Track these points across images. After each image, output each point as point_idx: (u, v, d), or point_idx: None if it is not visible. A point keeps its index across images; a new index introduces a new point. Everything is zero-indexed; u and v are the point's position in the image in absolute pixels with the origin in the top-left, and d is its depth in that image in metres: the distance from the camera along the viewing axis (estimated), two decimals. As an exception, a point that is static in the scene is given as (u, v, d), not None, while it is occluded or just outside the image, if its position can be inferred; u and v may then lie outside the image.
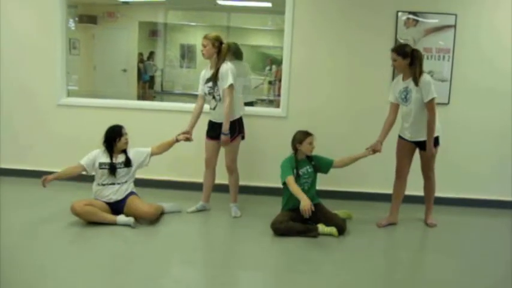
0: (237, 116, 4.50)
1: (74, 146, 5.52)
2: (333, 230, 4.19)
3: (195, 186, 5.08)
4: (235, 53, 5.74)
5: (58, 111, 5.58)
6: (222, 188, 4.91)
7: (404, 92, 4.32)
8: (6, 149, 5.65)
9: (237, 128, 4.50)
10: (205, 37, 4.44)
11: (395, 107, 4.46)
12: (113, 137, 4.41)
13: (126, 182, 4.43)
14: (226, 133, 4.38)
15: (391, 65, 4.36)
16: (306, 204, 3.94)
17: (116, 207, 4.36)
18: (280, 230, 4.16)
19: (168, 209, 4.63)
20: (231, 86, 4.36)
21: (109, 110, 5.53)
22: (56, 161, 5.55)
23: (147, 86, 11.92)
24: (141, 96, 11.34)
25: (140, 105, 6.04)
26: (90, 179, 4.53)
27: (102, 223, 4.21)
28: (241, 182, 4.81)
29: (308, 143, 4.33)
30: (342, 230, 4.23)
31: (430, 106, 4.17)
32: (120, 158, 4.43)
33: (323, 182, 4.74)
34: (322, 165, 4.45)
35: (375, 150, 4.38)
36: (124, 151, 4.46)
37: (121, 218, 4.26)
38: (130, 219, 4.23)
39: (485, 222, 4.96)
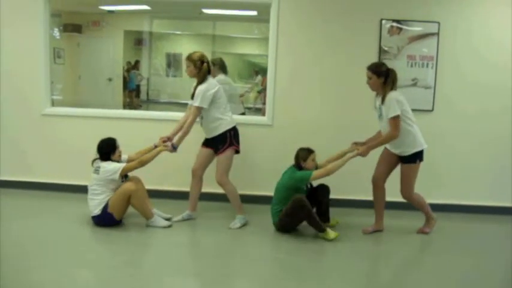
0: (224, 129, 4.46)
1: (59, 156, 5.49)
2: (324, 235, 4.27)
3: (180, 196, 5.07)
4: (222, 67, 5.81)
5: (43, 121, 5.52)
6: (208, 197, 4.91)
7: (379, 109, 4.36)
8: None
9: (228, 139, 4.47)
10: (188, 58, 4.46)
11: None
12: (108, 151, 4.40)
13: None
14: (175, 146, 4.40)
15: (366, 82, 4.35)
16: (338, 164, 4.28)
17: None
18: (306, 208, 4.20)
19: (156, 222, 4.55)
20: (198, 108, 4.37)
21: (94, 119, 5.50)
22: (42, 171, 5.53)
23: (133, 95, 11.89)
24: (127, 105, 11.30)
25: (126, 114, 6.02)
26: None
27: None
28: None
29: (311, 159, 4.43)
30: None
31: (391, 122, 4.18)
32: None
33: (309, 190, 4.75)
34: None
35: (360, 152, 4.32)
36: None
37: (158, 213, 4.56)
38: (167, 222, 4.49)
39: (473, 227, 5.00)
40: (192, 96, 4.49)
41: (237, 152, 4.60)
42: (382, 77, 4.25)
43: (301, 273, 3.64)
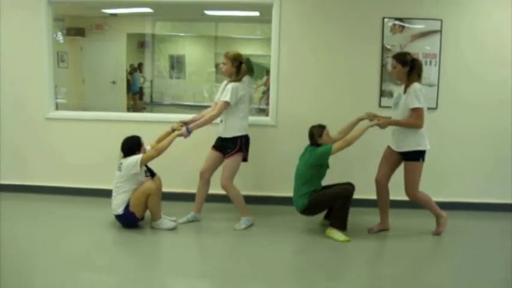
0: (237, 134, 4.49)
1: (64, 160, 5.50)
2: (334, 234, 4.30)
3: (182, 197, 5.08)
4: (249, 69, 5.80)
5: (47, 125, 5.54)
6: (211, 199, 4.91)
7: (397, 98, 4.38)
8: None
9: (238, 144, 4.48)
10: (226, 55, 4.50)
11: None
12: (132, 149, 4.43)
13: None
14: (189, 131, 4.34)
15: (391, 71, 4.38)
16: (358, 132, 4.28)
17: None
18: (349, 200, 4.33)
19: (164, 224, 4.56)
20: (226, 103, 4.38)
21: (98, 122, 5.52)
22: (46, 175, 5.55)
23: (137, 97, 11.91)
24: (131, 108, 11.32)
25: (130, 117, 6.03)
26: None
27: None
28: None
29: (326, 134, 4.44)
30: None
31: (415, 113, 4.19)
32: None
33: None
34: None
35: (379, 123, 4.30)
36: None
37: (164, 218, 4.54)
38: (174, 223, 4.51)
39: (478, 225, 4.98)
40: (219, 93, 4.56)
41: (245, 159, 4.60)
42: (407, 66, 4.26)
43: (308, 273, 3.64)
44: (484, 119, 5.31)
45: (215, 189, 4.74)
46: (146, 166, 4.51)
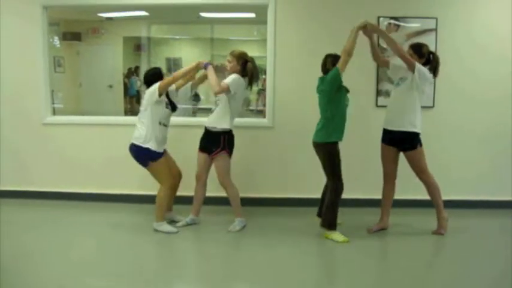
0: (222, 127, 4.46)
1: (63, 165, 5.49)
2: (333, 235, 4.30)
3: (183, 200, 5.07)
4: (255, 71, 5.77)
5: (44, 130, 5.53)
6: (212, 201, 4.91)
7: (402, 79, 4.35)
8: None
9: (221, 142, 4.46)
10: (231, 53, 4.53)
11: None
12: (155, 79, 4.49)
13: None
14: (207, 65, 4.44)
15: None
16: (352, 32, 4.24)
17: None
18: (338, 197, 4.31)
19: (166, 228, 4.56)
20: (227, 87, 4.35)
21: (96, 126, 5.51)
22: (46, 180, 5.53)
23: (134, 101, 11.89)
24: (128, 111, 11.29)
25: (127, 120, 6.00)
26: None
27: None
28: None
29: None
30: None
31: (400, 48, 4.21)
32: None
33: (313, 190, 4.74)
34: None
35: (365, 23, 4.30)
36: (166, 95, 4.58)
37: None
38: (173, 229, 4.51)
39: (478, 223, 4.99)
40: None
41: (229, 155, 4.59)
42: (423, 58, 4.29)
43: (305, 275, 3.64)
44: (481, 116, 5.32)
45: (212, 191, 4.75)
46: (168, 98, 4.59)
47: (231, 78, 4.41)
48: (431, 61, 4.31)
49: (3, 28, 5.42)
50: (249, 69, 4.51)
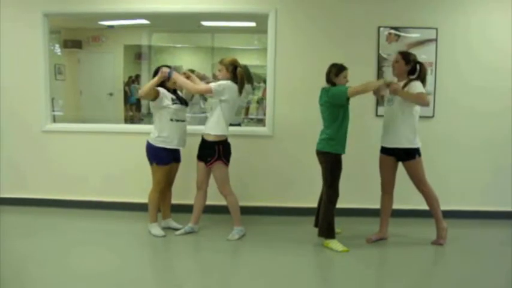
0: (216, 133, 4.44)
1: (63, 173, 5.48)
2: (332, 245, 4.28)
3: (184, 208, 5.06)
4: (248, 77, 5.76)
5: (44, 138, 5.53)
6: (211, 210, 4.90)
7: (392, 97, 4.36)
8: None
9: (216, 152, 4.43)
10: (221, 62, 4.52)
11: None
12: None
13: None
14: (170, 74, 4.46)
15: (392, 64, 4.43)
16: (377, 82, 4.35)
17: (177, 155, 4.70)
18: (332, 205, 4.30)
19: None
20: (209, 88, 4.36)
21: (96, 134, 5.51)
22: (46, 188, 5.52)
23: (134, 108, 11.90)
24: (129, 119, 11.31)
25: (127, 128, 6.03)
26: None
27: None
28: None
29: (343, 76, 4.34)
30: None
31: (420, 95, 4.17)
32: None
33: (313, 200, 4.73)
34: None
35: (394, 84, 4.27)
36: (174, 91, 4.66)
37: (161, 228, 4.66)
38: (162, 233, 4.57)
39: (478, 233, 4.97)
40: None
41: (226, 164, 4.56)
42: (409, 65, 4.29)
43: (304, 284, 3.61)
44: (481, 126, 5.32)
45: (212, 200, 4.74)
46: (176, 94, 4.65)
47: (219, 82, 4.41)
48: (419, 72, 4.31)
49: (4, 35, 5.43)
50: (238, 73, 4.48)
